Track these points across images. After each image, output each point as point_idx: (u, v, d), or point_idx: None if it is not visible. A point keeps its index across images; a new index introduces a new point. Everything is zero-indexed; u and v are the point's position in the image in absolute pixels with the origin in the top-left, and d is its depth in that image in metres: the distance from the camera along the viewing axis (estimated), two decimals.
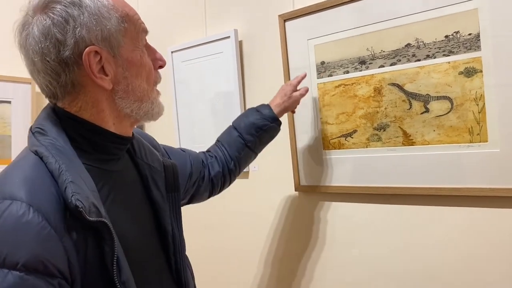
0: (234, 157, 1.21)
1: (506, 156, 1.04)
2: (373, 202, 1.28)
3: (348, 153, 1.30)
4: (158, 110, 0.84)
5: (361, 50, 1.24)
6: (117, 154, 0.82)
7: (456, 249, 1.14)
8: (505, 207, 1.07)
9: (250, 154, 1.24)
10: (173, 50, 1.76)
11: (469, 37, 1.07)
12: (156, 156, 0.93)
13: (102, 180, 0.76)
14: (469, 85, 1.08)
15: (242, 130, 1.21)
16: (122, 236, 0.73)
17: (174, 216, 0.89)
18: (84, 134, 0.76)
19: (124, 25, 0.76)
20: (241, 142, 1.21)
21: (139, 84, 0.79)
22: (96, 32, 0.72)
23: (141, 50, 0.79)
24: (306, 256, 1.43)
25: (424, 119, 1.16)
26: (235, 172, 1.23)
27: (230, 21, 1.60)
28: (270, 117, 1.21)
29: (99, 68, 0.74)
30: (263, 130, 1.20)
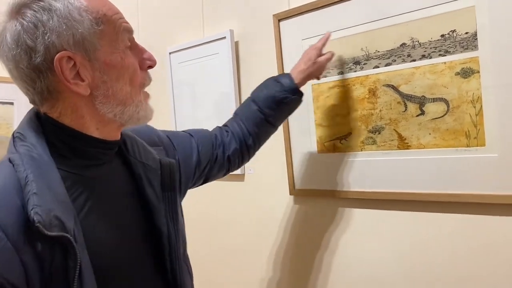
0: (252, 132, 1.14)
1: (504, 162, 0.99)
2: (368, 207, 1.24)
3: (343, 156, 1.26)
4: (144, 113, 0.80)
5: (356, 50, 1.20)
6: (101, 159, 0.79)
7: (452, 257, 1.09)
8: (504, 215, 1.01)
9: (270, 128, 1.17)
10: (171, 51, 1.74)
11: (466, 36, 1.02)
12: (151, 154, 0.89)
13: (80, 188, 0.73)
14: (466, 86, 1.03)
15: (261, 103, 1.13)
16: (99, 244, 0.71)
17: (170, 216, 0.85)
18: (64, 139, 0.74)
19: (100, 27, 0.72)
20: (260, 116, 1.13)
21: (120, 88, 0.75)
22: (67, 36, 0.69)
23: (123, 52, 0.75)
24: (300, 261, 1.39)
25: (419, 122, 1.11)
26: (254, 147, 1.17)
27: (227, 21, 1.57)
28: (290, 89, 1.12)
29: (74, 73, 0.71)
30: (284, 103, 1.13)
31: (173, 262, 0.83)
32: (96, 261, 0.70)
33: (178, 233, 0.86)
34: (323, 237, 1.33)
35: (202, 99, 1.65)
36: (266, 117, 1.13)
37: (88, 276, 0.67)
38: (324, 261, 1.33)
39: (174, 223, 0.85)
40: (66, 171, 0.72)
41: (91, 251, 0.69)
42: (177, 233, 0.85)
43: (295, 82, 1.13)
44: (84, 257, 0.67)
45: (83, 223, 0.70)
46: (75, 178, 0.73)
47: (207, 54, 1.61)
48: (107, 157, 0.81)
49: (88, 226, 0.71)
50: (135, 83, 0.78)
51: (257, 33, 1.48)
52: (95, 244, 0.71)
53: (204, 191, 1.44)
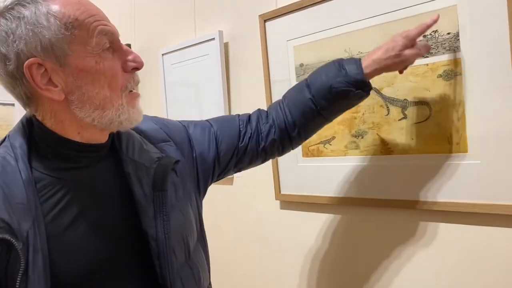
0: (299, 124, 0.98)
1: (487, 169, 0.94)
2: (352, 214, 1.20)
3: (327, 161, 1.22)
4: (127, 117, 0.77)
5: (339, 51, 1.16)
6: (83, 162, 0.78)
7: (433, 266, 1.04)
8: (485, 225, 0.96)
9: (322, 122, 0.99)
10: (164, 52, 1.73)
11: (448, 36, 0.97)
12: (148, 153, 0.85)
13: (53, 190, 0.73)
14: (448, 89, 0.98)
15: (316, 91, 0.95)
16: (70, 246, 0.71)
17: (161, 218, 0.80)
18: (47, 142, 0.75)
19: (69, 32, 0.70)
20: (311, 107, 0.95)
21: (97, 92, 0.73)
22: (34, 43, 0.68)
23: (98, 55, 0.73)
24: (283, 266, 1.36)
25: (402, 126, 1.06)
26: (299, 140, 1.02)
27: (218, 22, 1.55)
28: (355, 81, 0.91)
29: (46, 79, 0.70)
30: (343, 97, 0.93)
31: (163, 268, 0.78)
32: (65, 264, 0.69)
33: (169, 237, 0.80)
34: (306, 245, 1.30)
35: (193, 100, 1.64)
36: (319, 110, 0.95)
37: (37, 280, 0.65)
38: (307, 267, 1.30)
39: (164, 226, 0.80)
40: (42, 173, 0.73)
41: (58, 253, 0.69)
42: (168, 236, 0.80)
43: (364, 73, 0.92)
44: (36, 261, 0.66)
45: (51, 225, 0.70)
46: (51, 180, 0.73)
47: (198, 55, 1.59)
48: (90, 160, 0.79)
49: (57, 227, 0.71)
50: (114, 87, 0.75)
51: (246, 34, 1.45)
52: (65, 247, 0.70)
53: None
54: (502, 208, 0.92)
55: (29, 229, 0.66)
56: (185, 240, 0.85)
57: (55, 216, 0.71)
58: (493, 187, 0.93)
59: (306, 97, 0.96)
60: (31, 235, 0.66)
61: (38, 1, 0.70)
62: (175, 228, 0.81)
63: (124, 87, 0.77)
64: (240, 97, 1.49)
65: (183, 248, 0.84)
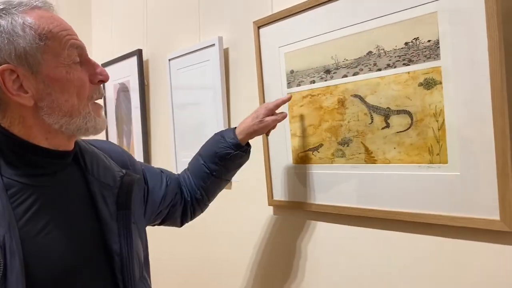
0: (199, 186, 1.17)
1: (466, 181, 0.91)
2: (336, 222, 1.19)
3: (315, 168, 1.22)
4: (93, 124, 0.82)
5: (326, 59, 1.15)
6: (50, 169, 0.82)
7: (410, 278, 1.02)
8: (464, 238, 0.93)
9: (219, 182, 1.18)
10: (170, 58, 1.76)
11: (428, 44, 0.95)
12: (111, 172, 0.91)
13: (24, 196, 0.76)
14: (429, 98, 0.96)
15: (206, 158, 1.16)
16: (38, 252, 0.74)
17: (124, 235, 0.86)
18: (13, 149, 0.78)
19: (43, 42, 0.75)
20: (205, 171, 1.15)
21: (66, 100, 0.78)
22: (9, 50, 0.73)
23: (69, 66, 0.78)
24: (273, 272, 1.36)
25: (385, 135, 1.04)
26: (204, 200, 1.19)
27: (219, 28, 1.57)
28: (233, 144, 1.13)
29: (17, 85, 0.74)
30: (227, 159, 1.14)
31: (126, 281, 0.84)
32: (36, 267, 0.72)
33: (131, 252, 0.86)
34: (294, 251, 1.30)
35: (196, 104, 1.66)
36: (211, 172, 1.15)
37: (15, 281, 0.69)
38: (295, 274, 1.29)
39: (128, 242, 0.86)
40: (11, 180, 0.76)
41: (30, 256, 0.72)
42: (131, 252, 0.85)
43: (239, 138, 1.13)
44: (13, 263, 0.69)
45: (24, 229, 0.73)
46: (21, 186, 0.76)
47: (200, 60, 1.61)
48: (57, 167, 0.83)
49: (30, 232, 0.74)
50: (82, 96, 0.80)
51: (243, 40, 1.46)
52: (36, 250, 0.73)
53: None
54: (480, 223, 0.89)
55: (5, 234, 0.69)
56: (139, 257, 0.90)
57: (27, 221, 0.74)
58: (472, 200, 0.90)
59: (200, 163, 1.16)
60: (7, 239, 0.69)
61: (14, 13, 0.74)
62: (134, 245, 0.86)
63: (90, 97, 0.82)
64: (239, 102, 1.50)
65: (138, 264, 0.89)
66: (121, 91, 2.14)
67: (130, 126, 2.09)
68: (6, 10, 0.74)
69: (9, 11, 0.74)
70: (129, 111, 2.08)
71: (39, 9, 0.77)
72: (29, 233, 0.74)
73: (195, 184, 1.17)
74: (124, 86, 2.10)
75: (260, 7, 1.38)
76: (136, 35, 2.06)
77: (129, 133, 2.10)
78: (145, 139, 1.98)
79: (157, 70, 1.93)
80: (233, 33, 1.51)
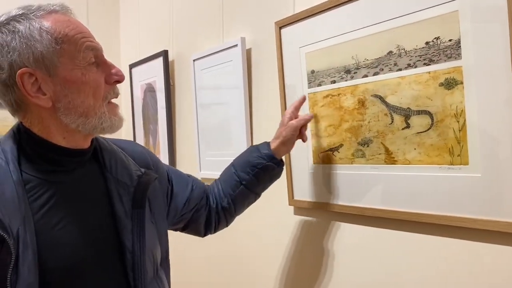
0: (227, 194, 1.17)
1: (487, 183, 0.89)
2: (356, 223, 1.18)
3: (336, 168, 1.21)
4: (109, 124, 0.86)
5: (347, 59, 1.15)
6: (68, 166, 0.86)
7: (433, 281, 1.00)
8: (485, 241, 0.91)
9: (247, 193, 1.18)
10: (195, 58, 1.79)
11: (450, 43, 0.93)
12: (129, 171, 0.94)
13: (41, 191, 0.80)
14: (450, 98, 0.94)
15: (238, 167, 1.17)
16: (53, 245, 0.77)
17: (137, 233, 0.88)
18: (34, 146, 0.82)
19: (59, 46, 0.78)
20: (235, 179, 1.16)
21: (82, 101, 0.82)
22: (27, 54, 0.77)
23: (84, 68, 0.81)
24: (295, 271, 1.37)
25: (405, 136, 1.03)
26: (230, 210, 1.19)
27: (242, 29, 1.59)
28: (266, 156, 1.14)
29: (36, 88, 0.78)
30: (259, 169, 1.14)
31: (136, 279, 0.86)
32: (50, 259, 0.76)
33: (144, 251, 0.88)
34: (314, 251, 1.30)
35: (219, 105, 1.68)
36: (241, 181, 1.15)
37: (27, 272, 0.72)
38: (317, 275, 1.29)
39: (140, 240, 0.88)
40: (30, 175, 0.80)
41: (45, 249, 0.76)
42: (143, 250, 0.88)
43: (272, 147, 1.15)
44: (26, 255, 0.73)
45: (40, 222, 0.77)
46: (39, 181, 0.80)
47: (223, 61, 1.63)
48: (74, 164, 0.87)
49: (45, 225, 0.78)
50: (98, 96, 0.84)
51: (265, 41, 1.47)
52: (51, 243, 0.77)
53: None
54: (503, 225, 0.87)
55: (19, 226, 0.73)
56: (154, 257, 0.92)
57: (43, 215, 0.78)
58: (494, 202, 0.88)
59: (231, 172, 1.18)
60: (21, 231, 0.73)
61: (32, 17, 0.78)
62: (148, 243, 0.89)
63: (105, 97, 0.85)
64: (261, 102, 1.51)
65: (152, 263, 0.91)
66: (147, 91, 2.19)
67: (156, 126, 2.13)
68: (25, 16, 0.78)
69: (27, 16, 0.78)
70: (155, 111, 2.13)
71: (56, 13, 0.81)
72: (44, 226, 0.77)
73: (223, 191, 1.18)
74: (151, 86, 2.15)
75: (282, 7, 1.39)
76: (163, 37, 2.10)
77: (155, 133, 2.14)
78: (170, 139, 2.01)
79: (182, 70, 1.96)
80: (256, 33, 1.52)
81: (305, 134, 1.19)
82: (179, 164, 2.00)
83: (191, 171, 1.87)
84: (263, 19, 1.48)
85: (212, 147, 1.73)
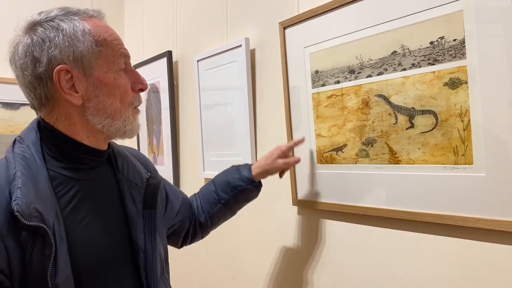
0: (206, 211, 1.23)
1: (492, 182, 0.89)
2: (360, 223, 1.18)
3: (339, 168, 1.21)
4: (131, 128, 0.89)
5: (351, 59, 1.15)
6: (89, 164, 0.88)
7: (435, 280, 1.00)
8: (489, 241, 0.91)
9: (225, 211, 1.23)
10: (199, 59, 1.80)
11: (454, 43, 0.93)
12: (139, 174, 0.97)
13: (66, 187, 0.82)
14: (454, 98, 0.94)
15: (218, 186, 1.22)
16: (80, 240, 0.79)
17: (149, 232, 0.91)
18: (57, 144, 0.84)
19: (98, 49, 0.82)
20: (215, 197, 1.22)
21: (111, 103, 0.84)
22: (68, 52, 0.79)
23: (116, 73, 0.85)
24: (298, 272, 1.37)
25: (409, 135, 1.03)
26: (206, 226, 1.24)
27: (246, 29, 1.59)
28: (246, 178, 1.20)
29: (70, 85, 0.81)
30: (238, 190, 1.20)
31: (149, 278, 0.88)
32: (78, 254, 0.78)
33: (155, 250, 0.91)
34: (318, 251, 1.30)
35: (223, 105, 1.69)
36: (220, 200, 1.21)
37: (64, 265, 0.74)
38: (321, 274, 1.29)
39: (152, 240, 0.91)
40: (55, 172, 0.82)
41: (74, 244, 0.78)
42: (154, 249, 0.91)
43: (253, 173, 1.20)
44: (61, 248, 0.74)
45: (67, 218, 0.79)
46: (63, 178, 0.82)
47: (227, 61, 1.64)
48: (95, 163, 0.89)
49: (73, 221, 0.80)
50: (125, 101, 0.87)
51: (269, 41, 1.48)
52: (79, 239, 0.79)
53: None
54: (506, 225, 0.87)
55: (54, 220, 0.75)
56: (161, 256, 0.94)
57: (70, 211, 0.81)
58: (498, 202, 0.88)
59: (211, 190, 1.23)
60: (56, 226, 0.75)
61: (75, 19, 0.82)
62: (157, 243, 0.91)
63: (131, 103, 0.89)
64: (265, 103, 1.51)
65: (160, 262, 0.94)
66: (151, 92, 2.19)
67: (159, 126, 2.14)
68: (67, 16, 0.81)
69: (70, 17, 0.81)
70: (159, 112, 2.13)
71: (95, 18, 0.85)
72: (71, 223, 0.79)
73: (202, 208, 1.24)
74: (155, 87, 2.15)
75: (286, 8, 1.39)
76: (166, 37, 2.11)
77: (159, 133, 2.15)
78: (173, 139, 2.02)
79: (186, 71, 1.97)
80: (260, 34, 1.53)
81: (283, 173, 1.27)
82: (183, 164, 2.00)
83: (195, 171, 1.88)
84: (267, 19, 1.49)
85: (215, 147, 1.73)
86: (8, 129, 2.18)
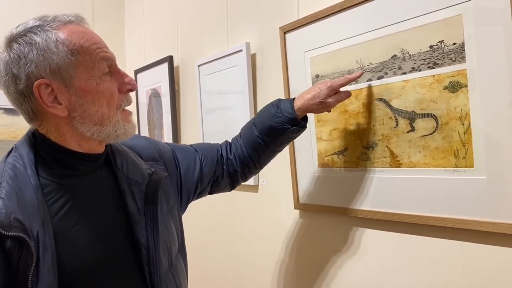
0: (252, 156, 1.15)
1: (493, 185, 0.89)
2: (361, 226, 1.19)
3: (340, 172, 1.22)
4: (123, 131, 0.87)
5: (351, 63, 1.16)
6: (83, 170, 0.87)
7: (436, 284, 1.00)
8: (490, 244, 0.91)
9: (271, 153, 1.16)
10: (200, 63, 1.81)
11: (454, 47, 0.94)
12: (140, 169, 0.96)
13: (58, 194, 0.82)
14: (454, 101, 0.95)
15: (261, 130, 1.12)
16: (74, 245, 0.79)
17: (151, 229, 0.90)
18: (50, 152, 0.84)
19: (75, 58, 0.80)
20: (259, 142, 1.12)
21: (96, 110, 0.83)
22: (44, 66, 0.78)
23: (99, 78, 0.83)
24: (298, 274, 1.37)
25: (410, 139, 1.04)
26: (256, 168, 1.18)
27: (247, 34, 1.60)
28: (290, 120, 1.07)
29: (52, 98, 0.80)
30: (283, 134, 1.10)
31: (152, 273, 0.88)
32: (70, 260, 0.78)
33: (158, 245, 0.90)
34: (320, 254, 1.30)
35: (224, 110, 1.70)
36: (266, 144, 1.12)
37: (46, 274, 0.74)
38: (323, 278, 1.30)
39: (154, 236, 0.90)
40: (47, 179, 0.82)
41: (64, 250, 0.77)
42: (157, 245, 0.90)
43: (296, 112, 1.07)
44: (45, 257, 0.74)
45: (57, 225, 0.79)
46: (55, 185, 0.82)
47: (228, 66, 1.65)
48: (89, 168, 0.89)
49: (63, 228, 0.80)
50: (112, 105, 0.85)
51: (270, 46, 1.49)
52: (70, 245, 0.79)
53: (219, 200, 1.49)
54: (507, 228, 0.87)
55: (39, 229, 0.75)
56: (168, 249, 0.94)
57: (61, 218, 0.80)
58: (499, 205, 0.89)
59: (254, 135, 1.13)
60: (41, 234, 0.75)
61: (48, 29, 0.79)
62: (161, 238, 0.90)
63: (119, 105, 0.87)
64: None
65: (167, 256, 0.93)
66: (153, 97, 2.20)
67: (161, 131, 2.15)
68: (41, 27, 0.79)
69: (44, 28, 0.79)
70: (160, 116, 2.14)
71: (71, 23, 0.82)
72: (62, 229, 0.79)
73: (248, 153, 1.15)
74: (156, 92, 2.16)
75: (286, 12, 1.40)
76: (168, 42, 2.12)
77: (160, 138, 2.16)
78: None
79: (187, 76, 1.98)
80: (260, 38, 1.53)
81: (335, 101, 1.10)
82: None
83: None
84: (267, 24, 1.49)
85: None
86: (10, 135, 2.19)
